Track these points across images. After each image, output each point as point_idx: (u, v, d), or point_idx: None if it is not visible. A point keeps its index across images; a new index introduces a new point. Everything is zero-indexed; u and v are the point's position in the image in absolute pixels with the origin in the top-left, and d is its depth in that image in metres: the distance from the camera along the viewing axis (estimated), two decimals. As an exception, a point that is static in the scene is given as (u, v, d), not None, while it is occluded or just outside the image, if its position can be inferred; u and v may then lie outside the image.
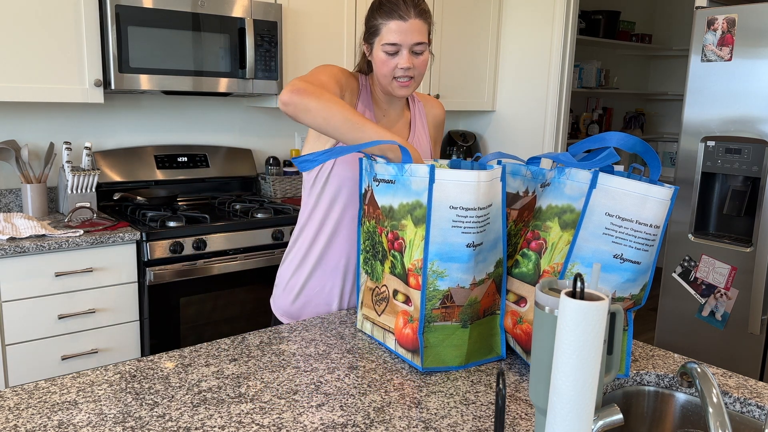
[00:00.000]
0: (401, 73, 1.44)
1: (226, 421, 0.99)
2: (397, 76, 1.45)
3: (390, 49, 1.42)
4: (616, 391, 1.19)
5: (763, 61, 2.57)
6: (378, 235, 1.28)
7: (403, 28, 1.41)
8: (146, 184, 2.84)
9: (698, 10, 2.75)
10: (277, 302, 1.63)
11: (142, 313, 2.41)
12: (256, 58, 2.72)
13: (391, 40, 1.41)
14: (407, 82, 1.45)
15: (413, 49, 1.43)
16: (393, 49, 1.42)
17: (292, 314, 1.59)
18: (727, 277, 2.71)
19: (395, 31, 1.41)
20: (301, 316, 1.58)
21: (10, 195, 2.61)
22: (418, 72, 1.46)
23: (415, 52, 1.44)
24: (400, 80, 1.45)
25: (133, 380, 1.12)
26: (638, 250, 1.07)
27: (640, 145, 1.04)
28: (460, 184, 1.12)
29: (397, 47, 1.42)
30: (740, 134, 2.66)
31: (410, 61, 1.43)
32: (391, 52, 1.43)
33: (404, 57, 1.43)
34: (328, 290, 1.55)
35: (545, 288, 0.84)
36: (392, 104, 1.56)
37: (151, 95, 2.91)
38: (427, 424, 1.00)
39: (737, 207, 2.73)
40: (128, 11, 2.39)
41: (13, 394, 1.06)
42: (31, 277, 2.16)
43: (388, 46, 1.42)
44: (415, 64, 1.44)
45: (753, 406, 1.11)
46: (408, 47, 1.42)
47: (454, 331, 1.19)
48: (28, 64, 2.30)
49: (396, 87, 1.46)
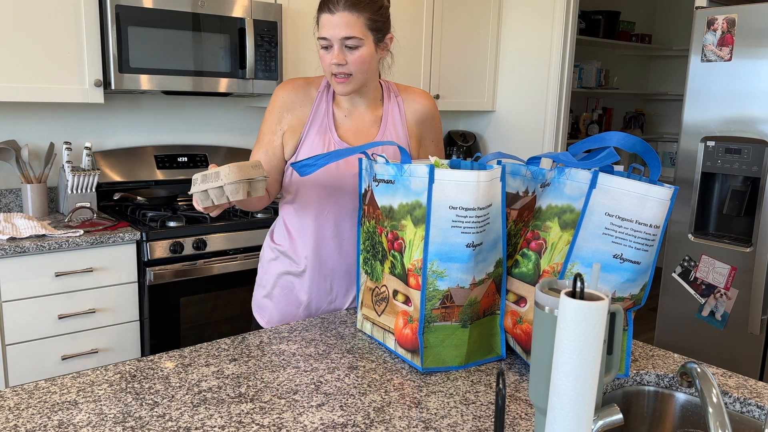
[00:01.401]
0: (335, 69, 1.39)
1: (226, 421, 0.99)
2: (334, 73, 1.40)
3: (322, 43, 1.39)
4: (616, 391, 1.19)
5: (763, 61, 2.57)
6: (378, 235, 1.28)
7: (331, 22, 1.36)
8: (146, 184, 2.84)
9: (698, 10, 2.75)
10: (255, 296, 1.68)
11: (142, 313, 2.41)
12: (256, 58, 2.72)
13: (321, 33, 1.38)
14: (343, 79, 1.40)
15: (346, 44, 1.37)
16: (325, 43, 1.38)
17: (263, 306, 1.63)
18: (726, 277, 2.71)
19: (324, 25, 1.37)
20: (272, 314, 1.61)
21: (10, 195, 2.61)
22: (355, 69, 1.39)
23: (348, 47, 1.37)
24: (337, 77, 1.40)
25: (133, 380, 1.12)
26: (638, 250, 1.07)
27: (640, 145, 1.05)
28: (459, 184, 1.12)
29: (328, 42, 1.38)
30: (740, 134, 2.66)
31: (341, 57, 1.37)
32: (323, 46, 1.39)
33: (334, 52, 1.38)
34: (296, 291, 1.58)
35: (545, 288, 0.84)
36: (357, 103, 1.51)
37: (151, 95, 2.91)
38: (427, 424, 1.00)
39: (737, 207, 2.73)
40: (128, 11, 2.39)
41: (13, 394, 1.06)
42: (31, 277, 2.16)
43: (320, 41, 1.39)
44: (349, 60, 1.38)
45: (753, 406, 1.11)
46: (338, 41, 1.36)
47: (454, 331, 1.19)
48: (28, 64, 2.30)
49: (335, 83, 1.42)
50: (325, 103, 1.50)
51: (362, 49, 1.38)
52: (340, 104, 1.52)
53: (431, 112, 1.57)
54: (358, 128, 1.51)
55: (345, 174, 1.48)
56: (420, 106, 1.55)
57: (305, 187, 1.50)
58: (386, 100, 1.54)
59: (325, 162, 1.28)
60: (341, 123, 1.51)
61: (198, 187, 1.29)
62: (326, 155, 1.28)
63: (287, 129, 1.49)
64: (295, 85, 1.51)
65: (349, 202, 1.51)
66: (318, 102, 1.49)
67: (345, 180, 1.49)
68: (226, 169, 1.24)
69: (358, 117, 1.52)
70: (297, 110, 1.49)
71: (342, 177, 1.48)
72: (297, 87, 1.50)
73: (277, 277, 1.59)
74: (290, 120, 1.49)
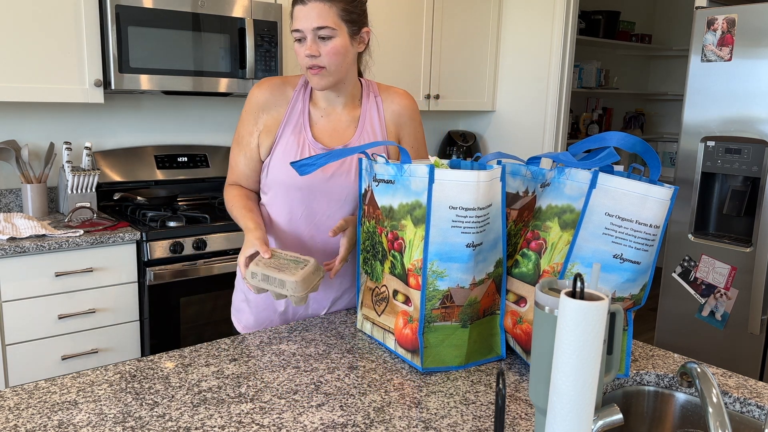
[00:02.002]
0: (308, 62, 1.36)
1: (226, 421, 0.99)
2: (308, 66, 1.37)
3: (296, 35, 1.36)
4: (616, 391, 1.19)
5: (763, 61, 2.57)
6: (378, 235, 1.28)
7: (302, 13, 1.34)
8: (146, 184, 2.84)
9: (698, 10, 2.75)
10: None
11: (142, 313, 2.41)
12: (256, 58, 2.72)
13: (294, 26, 1.36)
14: (317, 71, 1.36)
15: (318, 35, 1.34)
16: (298, 35, 1.35)
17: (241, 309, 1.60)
18: (726, 277, 2.71)
19: (297, 17, 1.35)
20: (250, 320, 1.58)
21: (10, 195, 2.61)
22: (328, 61, 1.35)
23: (321, 37, 1.34)
24: (311, 70, 1.37)
25: (133, 380, 1.12)
26: (638, 250, 1.07)
27: (640, 145, 1.05)
28: (459, 184, 1.12)
29: (300, 33, 1.35)
30: (740, 134, 2.66)
31: (314, 48, 1.34)
32: (297, 38, 1.36)
33: (308, 43, 1.34)
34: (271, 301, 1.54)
35: (545, 288, 0.84)
36: (334, 102, 1.48)
37: (151, 95, 2.91)
38: (427, 424, 1.00)
39: (737, 207, 2.73)
40: (128, 11, 2.39)
41: (13, 394, 1.06)
42: (31, 277, 2.16)
43: (294, 33, 1.36)
44: (322, 52, 1.35)
45: (753, 406, 1.11)
46: (310, 32, 1.34)
47: (454, 331, 1.19)
48: (28, 64, 2.30)
49: (311, 77, 1.38)
50: (301, 102, 1.47)
51: (336, 40, 1.35)
52: (317, 103, 1.48)
53: (409, 113, 1.52)
54: (335, 129, 1.48)
55: (320, 177, 1.45)
56: (398, 106, 1.51)
57: (280, 189, 1.47)
58: (365, 100, 1.50)
59: (324, 161, 1.28)
60: (317, 122, 1.47)
61: (257, 283, 1.29)
62: (326, 155, 1.28)
63: (263, 129, 1.47)
64: (271, 84, 1.48)
65: (324, 206, 1.47)
66: (294, 101, 1.47)
67: (321, 184, 1.45)
68: (293, 283, 1.26)
69: (335, 117, 1.48)
70: (273, 110, 1.47)
71: (318, 181, 1.45)
72: (273, 86, 1.48)
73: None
74: (266, 120, 1.47)
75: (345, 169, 1.45)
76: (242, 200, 1.49)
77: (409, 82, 3.40)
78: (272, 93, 1.47)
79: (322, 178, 1.44)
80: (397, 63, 3.33)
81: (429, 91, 3.48)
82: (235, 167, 1.53)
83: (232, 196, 1.51)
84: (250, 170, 1.51)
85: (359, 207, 1.37)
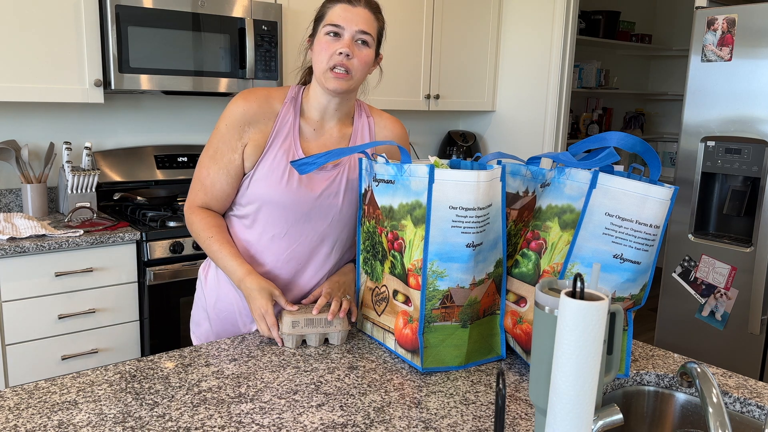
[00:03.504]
0: (338, 59, 1.32)
1: (226, 421, 0.99)
2: (333, 66, 1.33)
3: (332, 29, 1.33)
4: (616, 391, 1.19)
5: (763, 61, 2.57)
6: (378, 235, 1.28)
7: (350, 12, 1.32)
8: (146, 184, 2.84)
9: (698, 10, 2.75)
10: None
11: (142, 313, 2.41)
12: (256, 58, 2.72)
13: (335, 21, 1.33)
14: (342, 74, 1.33)
15: (356, 38, 1.33)
16: (335, 30, 1.32)
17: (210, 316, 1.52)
18: (727, 277, 2.71)
19: (340, 14, 1.33)
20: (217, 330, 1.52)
21: (10, 195, 2.61)
22: (356, 67, 1.34)
23: (360, 42, 1.34)
24: (335, 70, 1.33)
25: (133, 380, 1.12)
26: (638, 250, 1.07)
27: (640, 145, 1.05)
28: (459, 184, 1.12)
29: (340, 29, 1.32)
30: (740, 134, 2.66)
31: (351, 47, 1.32)
32: (332, 33, 1.33)
33: (345, 41, 1.32)
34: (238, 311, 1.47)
35: (545, 288, 0.84)
36: (327, 118, 1.43)
37: (151, 95, 2.91)
38: (427, 424, 1.00)
39: (737, 207, 2.73)
40: (128, 11, 2.39)
41: (13, 394, 1.06)
42: (31, 277, 2.16)
43: (330, 27, 1.33)
44: (355, 55, 1.33)
45: (753, 406, 1.11)
46: (351, 33, 1.32)
47: (454, 331, 1.19)
48: (28, 64, 2.30)
49: (330, 78, 1.34)
50: (291, 116, 1.41)
51: (368, 51, 1.36)
52: (309, 117, 1.43)
53: (401, 141, 1.51)
54: (325, 144, 1.43)
55: (309, 196, 1.39)
56: (390, 132, 1.50)
57: (262, 206, 1.40)
58: (357, 118, 1.48)
59: (324, 161, 1.28)
60: (308, 137, 1.43)
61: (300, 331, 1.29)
62: (325, 154, 1.27)
63: (249, 143, 1.39)
64: (258, 97, 1.41)
65: (307, 227, 1.41)
66: (283, 115, 1.41)
67: (308, 203, 1.39)
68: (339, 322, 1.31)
69: (326, 132, 1.44)
70: (260, 123, 1.40)
71: (306, 200, 1.39)
72: (260, 99, 1.41)
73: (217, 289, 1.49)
74: (252, 134, 1.39)
75: (333, 189, 1.40)
76: (223, 234, 1.42)
77: (409, 82, 3.40)
78: (260, 106, 1.40)
79: (310, 197, 1.39)
80: (397, 63, 3.33)
81: (429, 91, 3.48)
82: (211, 187, 1.41)
83: (207, 226, 1.42)
84: (231, 188, 1.42)
85: (359, 207, 1.37)
